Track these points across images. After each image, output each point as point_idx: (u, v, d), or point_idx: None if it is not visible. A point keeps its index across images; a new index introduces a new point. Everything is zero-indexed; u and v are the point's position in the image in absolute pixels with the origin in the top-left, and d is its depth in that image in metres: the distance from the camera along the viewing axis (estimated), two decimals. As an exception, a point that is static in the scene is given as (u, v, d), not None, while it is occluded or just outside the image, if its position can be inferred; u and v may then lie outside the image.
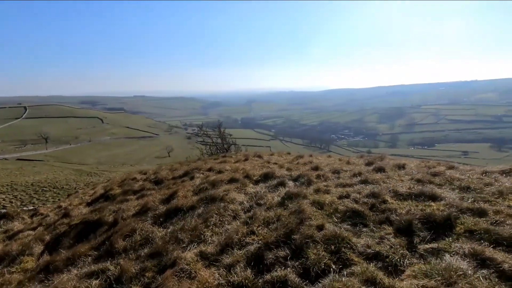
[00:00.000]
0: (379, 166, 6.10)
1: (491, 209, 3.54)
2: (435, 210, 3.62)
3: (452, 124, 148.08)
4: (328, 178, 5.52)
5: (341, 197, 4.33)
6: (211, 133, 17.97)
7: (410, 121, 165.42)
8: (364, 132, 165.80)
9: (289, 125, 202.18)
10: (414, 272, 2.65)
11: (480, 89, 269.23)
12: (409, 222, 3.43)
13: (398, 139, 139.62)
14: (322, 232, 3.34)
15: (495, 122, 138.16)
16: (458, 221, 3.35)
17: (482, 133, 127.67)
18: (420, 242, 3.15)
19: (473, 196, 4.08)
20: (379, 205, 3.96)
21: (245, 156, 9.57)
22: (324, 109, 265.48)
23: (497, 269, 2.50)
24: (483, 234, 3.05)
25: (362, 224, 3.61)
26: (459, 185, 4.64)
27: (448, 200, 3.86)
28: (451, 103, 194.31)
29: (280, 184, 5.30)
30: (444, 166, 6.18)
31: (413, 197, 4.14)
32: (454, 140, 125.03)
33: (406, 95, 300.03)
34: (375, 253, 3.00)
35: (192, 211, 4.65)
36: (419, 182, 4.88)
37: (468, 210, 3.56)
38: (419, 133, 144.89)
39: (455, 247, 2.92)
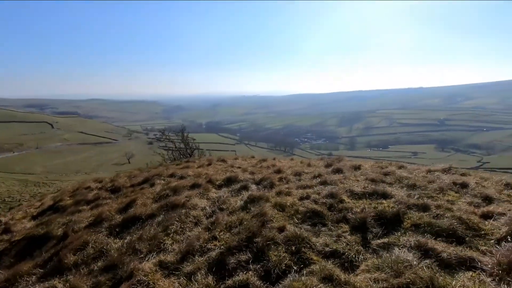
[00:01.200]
0: (337, 168, 6.40)
1: (433, 204, 3.90)
2: (386, 207, 3.89)
3: (403, 127, 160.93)
4: (290, 180, 5.66)
5: (302, 199, 4.47)
6: (173, 138, 17.44)
7: (367, 125, 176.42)
8: (325, 135, 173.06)
9: (254, 129, 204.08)
10: (367, 267, 2.81)
11: (426, 95, 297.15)
12: (363, 219, 3.64)
13: (356, 142, 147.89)
14: (283, 234, 3.41)
15: (439, 125, 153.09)
16: (405, 217, 3.64)
17: (428, 135, 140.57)
18: (373, 238, 3.36)
19: (418, 193, 4.46)
20: (337, 204, 4.15)
21: (209, 161, 9.45)
22: (288, 113, 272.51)
23: (438, 258, 2.76)
24: (427, 227, 3.34)
25: (321, 223, 3.75)
26: (407, 183, 5.05)
27: (398, 198, 4.17)
28: (401, 108, 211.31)
29: (243, 188, 5.31)
30: (395, 166, 6.68)
31: (367, 196, 4.41)
32: (405, 142, 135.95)
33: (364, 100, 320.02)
34: (333, 251, 3.14)
35: (151, 219, 4.46)
36: (372, 181, 5.21)
37: (414, 206, 3.89)
38: (375, 135, 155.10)
39: (403, 240, 3.16)
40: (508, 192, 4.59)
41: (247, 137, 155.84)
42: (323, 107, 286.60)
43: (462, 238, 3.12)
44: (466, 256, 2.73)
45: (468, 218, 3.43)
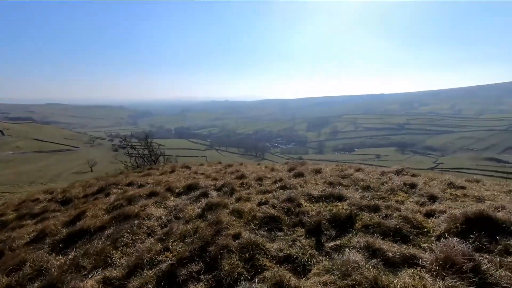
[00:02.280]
0: (299, 172, 6.50)
1: (383, 205, 4.08)
2: (340, 210, 3.99)
3: (367, 131, 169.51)
4: (251, 185, 5.63)
5: (261, 204, 4.44)
6: (137, 144, 16.71)
7: (334, 129, 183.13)
8: (295, 139, 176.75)
9: (225, 134, 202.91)
10: (319, 270, 2.84)
11: (386, 101, 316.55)
12: (318, 222, 3.70)
13: (324, 146, 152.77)
14: (238, 241, 3.34)
15: (399, 129, 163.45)
16: (357, 218, 3.75)
17: (389, 138, 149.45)
18: (327, 240, 3.42)
19: (371, 194, 4.65)
20: (294, 209, 4.18)
21: (172, 168, 9.16)
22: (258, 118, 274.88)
23: (384, 258, 2.86)
24: (376, 227, 3.47)
25: (278, 228, 3.75)
26: (362, 185, 5.24)
27: (351, 200, 4.30)
28: (365, 113, 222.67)
29: (202, 195, 5.17)
30: (353, 169, 6.93)
31: (323, 199, 4.50)
32: (369, 145, 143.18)
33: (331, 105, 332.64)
34: (287, 255, 3.13)
35: (101, 232, 4.17)
36: (330, 184, 5.34)
37: (366, 207, 4.03)
38: (341, 139, 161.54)
39: (354, 241, 3.25)
40: (451, 191, 4.95)
41: (218, 142, 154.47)
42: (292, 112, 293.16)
43: (407, 236, 3.27)
44: (409, 254, 2.86)
45: (413, 217, 3.62)
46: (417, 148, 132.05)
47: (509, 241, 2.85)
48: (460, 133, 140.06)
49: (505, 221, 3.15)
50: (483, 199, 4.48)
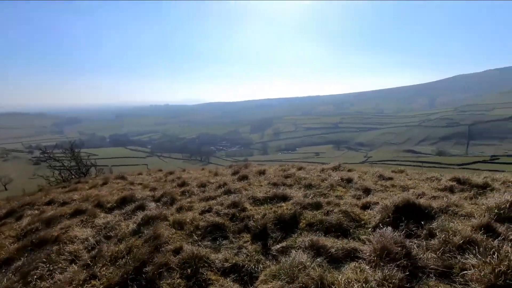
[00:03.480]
0: (243, 175, 6.40)
1: (324, 201, 4.21)
2: (285, 210, 3.98)
3: (306, 131, 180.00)
4: (194, 193, 5.32)
5: (204, 212, 4.19)
6: (61, 155, 14.67)
7: (276, 130, 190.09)
8: (240, 142, 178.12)
9: (167, 139, 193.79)
10: (266, 277, 2.73)
11: (322, 102, 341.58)
12: (264, 226, 3.61)
13: (268, 146, 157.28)
14: (179, 256, 3.05)
15: (334, 128, 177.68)
16: (301, 217, 3.78)
17: (326, 137, 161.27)
18: (273, 243, 3.35)
19: (313, 192, 4.78)
20: (239, 214, 4.04)
21: (104, 180, 8.21)
22: (201, 122, 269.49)
23: (328, 255, 2.89)
24: (319, 224, 3.53)
25: (223, 236, 3.55)
26: (304, 183, 5.37)
27: (295, 199, 4.34)
28: (304, 114, 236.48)
29: (139, 208, 4.67)
30: (295, 168, 7.12)
31: (268, 201, 4.46)
32: (309, 144, 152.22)
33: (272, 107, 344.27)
34: (233, 265, 2.96)
35: (7, 266, 3.41)
36: (274, 185, 5.36)
37: (309, 206, 4.10)
38: (284, 140, 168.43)
39: (299, 241, 3.24)
40: (381, 182, 5.39)
41: (160, 148, 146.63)
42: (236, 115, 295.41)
43: (347, 230, 3.40)
44: (350, 248, 2.95)
45: (352, 210, 3.79)
46: (350, 145, 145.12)
47: (431, 224, 3.15)
48: (383, 129, 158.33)
49: (427, 207, 3.51)
50: (408, 187, 4.98)
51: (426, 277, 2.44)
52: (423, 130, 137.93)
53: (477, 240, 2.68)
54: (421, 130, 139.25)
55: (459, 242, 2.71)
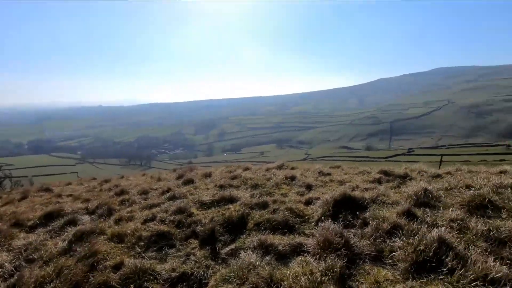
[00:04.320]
0: (189, 178, 6.21)
1: (271, 200, 4.33)
2: (233, 212, 3.98)
3: (251, 131, 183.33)
4: (135, 201, 4.96)
5: (147, 221, 3.94)
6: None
7: (222, 131, 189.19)
8: (183, 144, 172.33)
9: (101, 144, 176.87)
10: (216, 282, 2.68)
11: (266, 102, 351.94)
12: (212, 230, 3.55)
13: (213, 148, 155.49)
14: (120, 272, 2.81)
15: (277, 128, 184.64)
16: (249, 217, 3.83)
17: (270, 136, 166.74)
18: (223, 246, 3.32)
19: (260, 191, 4.88)
20: (185, 219, 3.90)
21: (24, 193, 7.12)
22: (141, 124, 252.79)
23: (276, 252, 2.98)
24: (266, 223, 3.62)
25: (169, 245, 3.38)
26: (251, 183, 5.46)
27: (242, 200, 4.38)
28: (248, 114, 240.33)
29: (69, 223, 4.16)
30: (241, 169, 7.18)
31: (215, 204, 4.41)
32: (253, 144, 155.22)
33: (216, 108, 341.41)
34: (181, 274, 2.84)
35: None
36: (221, 187, 5.32)
37: (256, 205, 4.17)
38: (229, 140, 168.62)
39: (248, 242, 3.27)
40: (321, 178, 5.78)
41: (93, 154, 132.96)
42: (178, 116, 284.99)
43: (293, 226, 3.56)
44: (296, 243, 3.09)
45: (296, 207, 3.98)
46: (292, 143, 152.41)
47: (365, 214, 3.50)
48: (321, 127, 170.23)
49: (361, 198, 3.88)
50: (344, 181, 5.44)
51: (362, 262, 2.70)
52: (354, 128, 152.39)
53: (402, 225, 3.06)
54: (352, 128, 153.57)
55: (388, 227, 3.06)
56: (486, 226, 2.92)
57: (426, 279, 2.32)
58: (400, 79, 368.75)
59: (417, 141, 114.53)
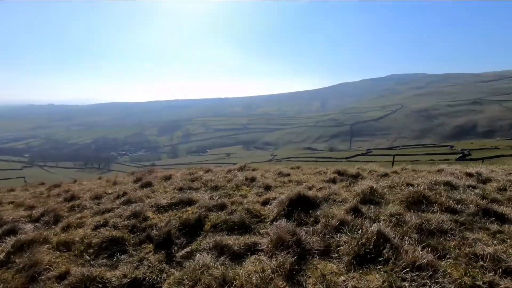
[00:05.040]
0: (147, 181, 6.03)
1: (229, 202, 4.38)
2: (190, 214, 3.96)
3: (216, 132, 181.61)
4: (86, 207, 4.70)
5: (98, 227, 3.76)
6: None
7: (186, 132, 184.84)
8: (146, 145, 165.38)
9: (52, 146, 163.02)
10: (169, 285, 2.67)
11: (231, 104, 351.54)
12: (168, 233, 3.50)
13: (178, 149, 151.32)
14: (65, 282, 2.66)
15: (243, 129, 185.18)
16: (206, 219, 3.84)
17: (236, 137, 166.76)
18: (178, 249, 3.29)
19: (219, 193, 4.91)
20: (140, 224, 3.80)
21: (-45, 202, 6.35)
22: (98, 124, 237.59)
23: (231, 252, 3.03)
24: (223, 224, 3.66)
25: (121, 251, 3.28)
26: (211, 185, 5.46)
27: (201, 202, 4.37)
28: (214, 116, 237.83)
29: (9, 233, 3.82)
30: (203, 171, 7.14)
31: (173, 207, 4.35)
32: (219, 145, 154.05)
33: (181, 109, 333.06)
34: (132, 280, 2.77)
35: None
36: (181, 190, 5.25)
37: (214, 207, 4.20)
38: (194, 142, 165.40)
39: (204, 243, 3.28)
40: (280, 179, 5.96)
41: (43, 157, 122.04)
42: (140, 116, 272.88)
43: (249, 226, 3.64)
44: (251, 243, 3.17)
45: (253, 207, 4.08)
46: (258, 144, 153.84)
47: (317, 212, 3.70)
48: (286, 129, 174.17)
49: (314, 197, 4.09)
50: (301, 182, 5.67)
51: (311, 257, 2.86)
52: (318, 130, 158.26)
53: (348, 221, 3.30)
54: (316, 130, 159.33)
55: (336, 224, 3.27)
56: (419, 219, 3.26)
57: (365, 270, 2.54)
58: (359, 84, 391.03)
59: (374, 142, 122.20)
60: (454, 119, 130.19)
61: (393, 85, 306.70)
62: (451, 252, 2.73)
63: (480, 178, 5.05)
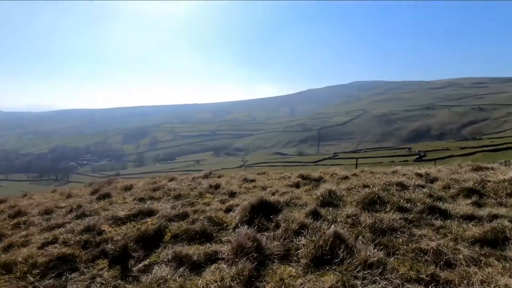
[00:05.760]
0: (105, 193, 5.71)
1: (192, 210, 4.29)
2: (149, 226, 3.81)
3: (185, 139, 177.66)
4: (33, 223, 4.33)
5: (46, 245, 3.48)
6: None
7: (153, 140, 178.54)
8: (110, 154, 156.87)
9: (3, 156, 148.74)
10: (123, 302, 2.54)
11: (200, 110, 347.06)
12: (124, 246, 3.33)
13: (145, 157, 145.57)
14: (2, 308, 2.42)
15: (212, 135, 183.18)
16: (167, 230, 3.72)
17: (205, 144, 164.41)
18: (135, 263, 3.14)
19: (182, 202, 4.79)
20: (94, 238, 3.58)
21: None
22: (55, 132, 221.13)
23: (190, 263, 2.96)
24: (184, 234, 3.57)
25: (71, 269, 3.05)
26: (174, 194, 5.31)
27: (162, 212, 4.23)
28: (181, 122, 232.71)
29: None
30: (167, 179, 6.93)
31: (132, 218, 4.16)
32: (188, 152, 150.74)
33: (147, 115, 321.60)
34: (82, 300, 2.59)
35: None
36: (141, 200, 5.05)
37: (176, 217, 4.08)
38: (162, 149, 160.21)
39: (163, 256, 3.17)
40: (245, 185, 5.97)
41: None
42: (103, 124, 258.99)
43: (211, 235, 3.59)
44: (212, 251, 3.13)
45: (216, 215, 4.03)
46: (229, 150, 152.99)
47: (278, 217, 3.75)
48: (256, 135, 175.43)
49: (276, 202, 4.15)
50: (266, 187, 5.72)
51: (271, 262, 2.89)
52: (287, 135, 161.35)
53: (307, 224, 3.38)
54: (285, 135, 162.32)
55: (296, 227, 3.34)
56: (373, 219, 3.44)
57: (322, 271, 2.61)
58: (325, 90, 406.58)
59: (340, 146, 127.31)
60: (410, 123, 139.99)
61: (356, 92, 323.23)
62: (400, 248, 2.91)
63: (428, 178, 5.47)
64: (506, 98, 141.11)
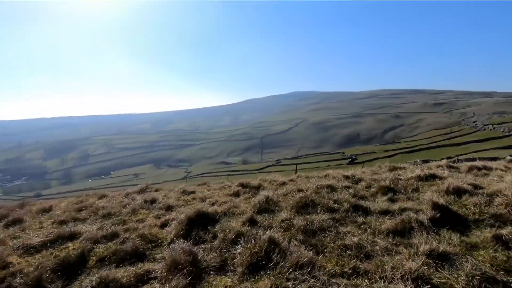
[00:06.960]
0: (16, 218, 4.92)
1: (122, 229, 3.97)
2: (71, 251, 3.41)
3: (122, 151, 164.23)
4: None
5: None
6: None
7: (83, 153, 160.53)
8: (27, 172, 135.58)
9: None
10: None
11: (138, 120, 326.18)
12: (38, 278, 2.90)
13: (73, 174, 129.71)
14: None
15: (152, 147, 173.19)
16: (91, 253, 3.37)
17: (145, 156, 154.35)
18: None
19: (112, 221, 4.40)
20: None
21: None
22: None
23: (119, 286, 2.73)
24: (112, 256, 3.27)
25: (-37, 315, 2.53)
26: (102, 213, 4.85)
27: (87, 235, 3.82)
28: (117, 133, 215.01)
29: None
30: (96, 197, 6.31)
31: (49, 245, 3.65)
32: (126, 166, 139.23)
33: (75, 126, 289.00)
34: None
35: None
36: (62, 223, 4.49)
37: (103, 238, 3.73)
38: (94, 164, 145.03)
39: (86, 282, 2.85)
40: (184, 197, 5.79)
41: None
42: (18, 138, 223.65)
43: (144, 254, 3.37)
44: (144, 271, 2.93)
45: (150, 232, 3.80)
46: (171, 162, 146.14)
47: (215, 227, 3.72)
48: (199, 144, 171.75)
49: (214, 213, 4.11)
50: (206, 198, 5.63)
51: (207, 275, 2.84)
52: (231, 144, 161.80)
53: (244, 232, 3.43)
54: (229, 144, 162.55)
55: (233, 237, 3.36)
56: (305, 221, 3.66)
57: (257, 277, 2.67)
58: (266, 100, 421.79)
59: (282, 152, 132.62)
60: (342, 129, 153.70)
61: (294, 101, 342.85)
62: (328, 246, 3.15)
63: (354, 179, 6.07)
64: (417, 106, 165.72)
